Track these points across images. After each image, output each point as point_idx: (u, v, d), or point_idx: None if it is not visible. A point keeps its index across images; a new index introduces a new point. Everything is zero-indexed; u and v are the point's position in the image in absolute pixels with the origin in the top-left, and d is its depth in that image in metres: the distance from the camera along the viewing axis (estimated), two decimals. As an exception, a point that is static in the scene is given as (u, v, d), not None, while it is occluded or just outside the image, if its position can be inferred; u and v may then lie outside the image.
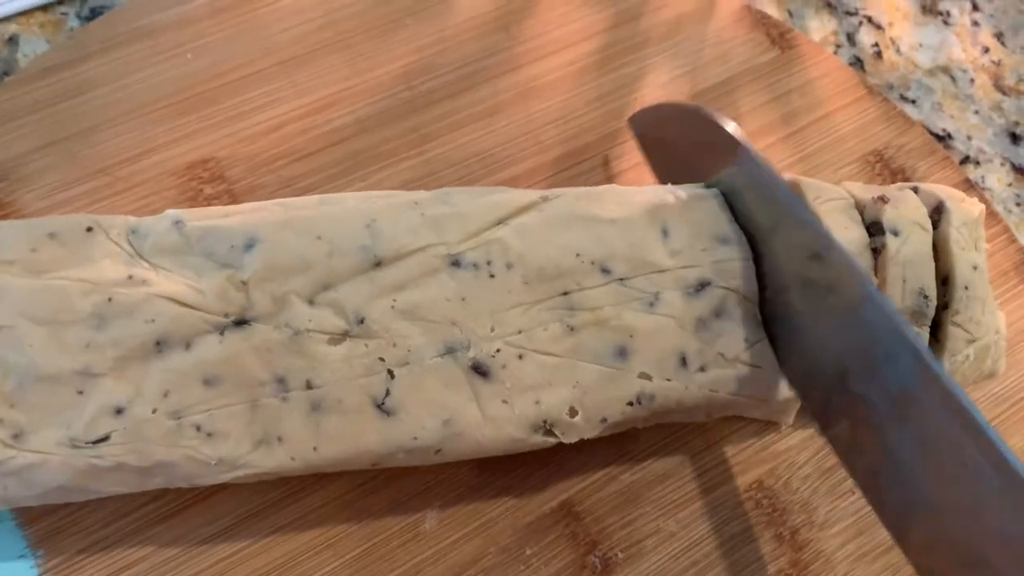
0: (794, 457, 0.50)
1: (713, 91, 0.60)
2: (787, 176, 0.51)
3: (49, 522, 0.43)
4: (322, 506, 0.45)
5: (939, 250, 0.48)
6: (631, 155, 0.56)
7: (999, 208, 0.64)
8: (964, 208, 0.49)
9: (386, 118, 0.55)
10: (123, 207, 0.50)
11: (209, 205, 0.50)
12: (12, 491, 0.40)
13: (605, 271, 0.44)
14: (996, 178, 0.66)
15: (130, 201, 0.50)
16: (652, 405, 0.44)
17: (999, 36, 0.72)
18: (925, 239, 0.47)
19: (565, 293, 0.44)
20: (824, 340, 0.43)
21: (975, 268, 0.48)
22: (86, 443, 0.39)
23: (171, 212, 0.43)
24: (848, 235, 0.47)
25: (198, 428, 0.40)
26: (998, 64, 0.70)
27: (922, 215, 0.48)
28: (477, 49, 0.57)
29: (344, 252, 0.42)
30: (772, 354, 0.46)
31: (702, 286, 0.45)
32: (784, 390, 0.46)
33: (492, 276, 0.43)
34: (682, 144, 0.52)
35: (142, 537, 0.44)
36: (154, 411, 0.40)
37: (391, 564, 0.45)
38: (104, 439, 0.39)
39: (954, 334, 0.48)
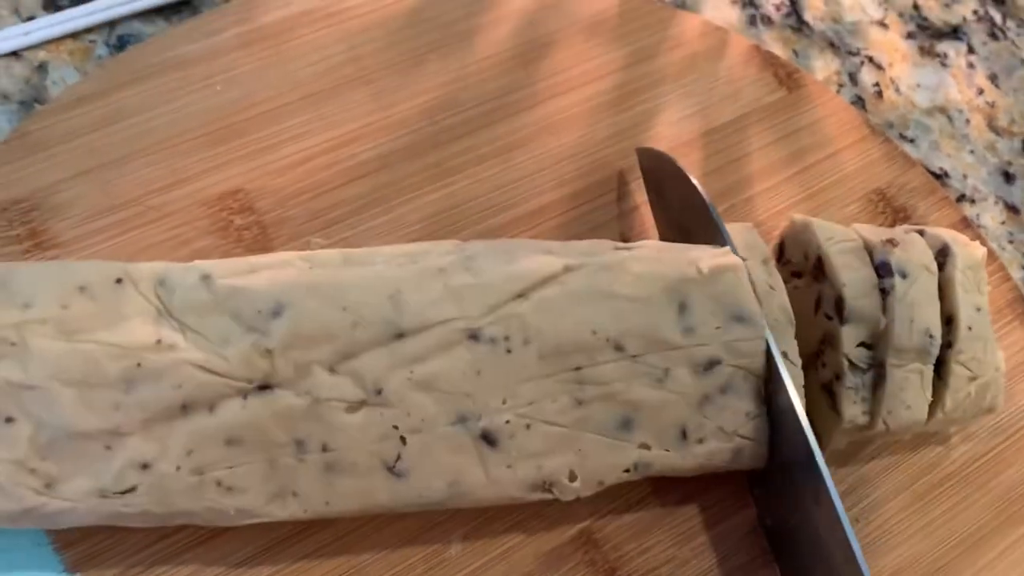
0: (802, 487, 0.52)
1: (724, 129, 0.62)
2: (800, 217, 0.53)
3: (85, 546, 0.44)
4: (348, 534, 0.47)
5: (944, 291, 0.50)
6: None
7: (993, 245, 0.66)
8: (968, 251, 0.51)
9: (409, 153, 0.56)
10: (154, 237, 0.51)
11: (240, 236, 0.52)
12: (43, 525, 0.42)
13: (619, 348, 0.46)
14: (990, 216, 0.68)
15: (162, 231, 0.51)
16: (648, 471, 0.47)
17: (993, 78, 0.74)
18: (931, 281, 0.50)
19: (578, 368, 0.45)
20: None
21: (978, 309, 0.50)
22: (114, 493, 0.41)
23: (198, 264, 0.44)
24: (858, 276, 0.49)
25: (219, 483, 0.42)
26: (992, 105, 0.73)
27: (929, 258, 0.50)
28: (497, 87, 0.59)
29: (368, 324, 0.43)
30: (767, 428, 0.48)
31: (712, 364, 0.47)
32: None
33: (509, 351, 0.45)
34: (672, 195, 0.55)
35: (176, 562, 0.45)
36: (178, 468, 0.41)
37: (417, 590, 0.46)
38: (131, 490, 0.41)
39: (957, 372, 0.50)
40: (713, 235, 0.50)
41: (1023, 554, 0.53)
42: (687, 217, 0.53)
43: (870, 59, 0.72)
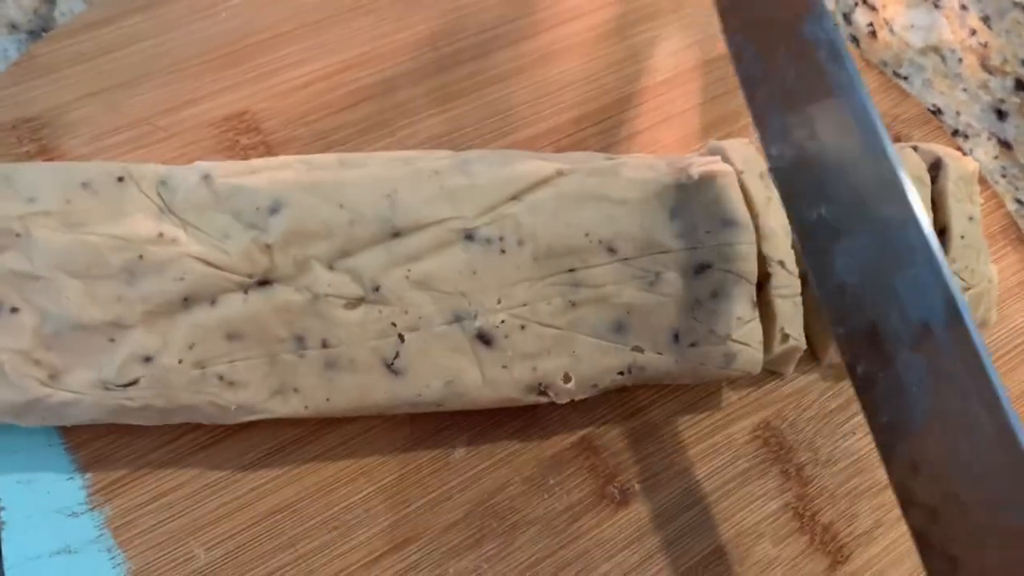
0: (799, 399, 0.53)
1: (720, 60, 0.62)
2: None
3: (95, 447, 0.45)
4: (355, 437, 0.48)
5: (936, 202, 0.51)
6: (646, 116, 0.59)
7: (987, 178, 0.67)
8: (960, 164, 0.52)
9: (411, 78, 0.57)
10: (162, 155, 0.52)
11: (246, 155, 0.53)
12: (48, 420, 0.43)
13: (611, 250, 0.46)
14: (983, 151, 0.69)
15: (170, 149, 0.52)
16: (642, 375, 0.47)
17: (985, 20, 0.75)
18: (924, 193, 0.51)
19: (571, 270, 0.46)
20: (857, 250, 0.41)
21: (971, 219, 0.51)
22: (116, 386, 0.42)
23: (200, 164, 0.45)
24: (852, 188, 0.50)
25: (220, 377, 0.43)
26: (985, 46, 0.74)
27: (922, 170, 0.51)
28: (498, 15, 0.60)
29: (365, 222, 0.44)
30: (760, 332, 0.48)
31: (703, 268, 0.47)
32: (767, 352, 0.49)
33: (503, 252, 0.45)
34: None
35: (183, 464, 0.46)
36: (180, 361, 0.42)
37: (423, 490, 0.47)
38: (133, 383, 0.42)
39: (951, 281, 0.51)
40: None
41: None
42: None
43: (864, 0, 0.73)
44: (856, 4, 0.73)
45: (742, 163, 0.51)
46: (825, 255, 0.40)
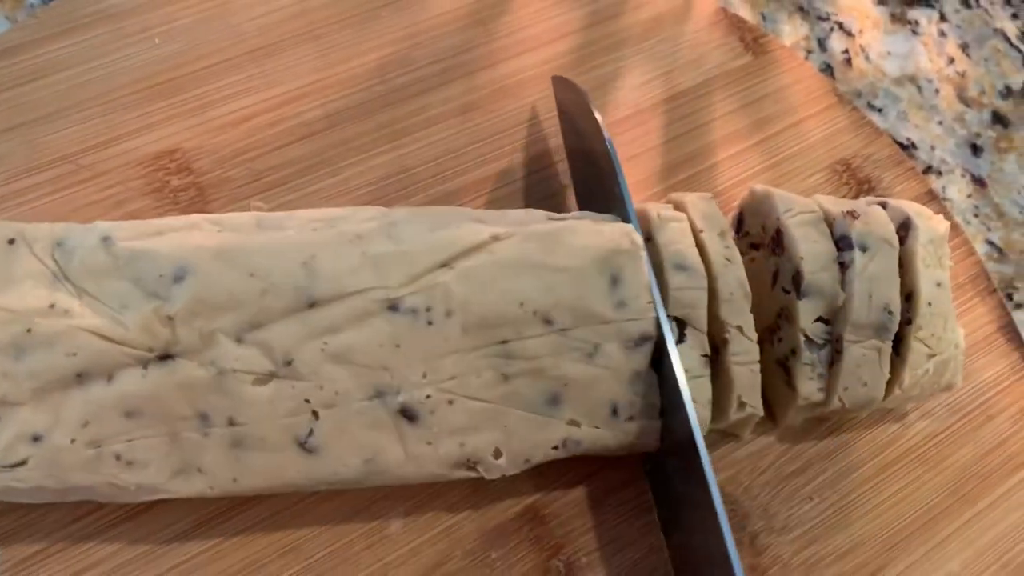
0: (755, 463, 0.51)
1: (687, 95, 0.60)
2: (760, 187, 0.52)
3: (5, 523, 0.42)
4: (284, 510, 0.45)
5: (904, 265, 0.49)
6: (604, 158, 0.56)
7: (958, 219, 0.65)
8: (931, 225, 0.50)
9: (358, 112, 0.54)
10: (86, 197, 0.48)
11: (176, 197, 0.49)
12: None
13: (547, 322, 0.44)
14: (956, 189, 0.67)
15: (94, 191, 0.49)
16: (578, 449, 0.45)
17: (964, 47, 0.73)
18: (892, 256, 0.48)
19: (504, 342, 0.43)
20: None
21: (939, 285, 0.49)
22: (2, 467, 0.39)
23: (100, 225, 0.42)
24: (817, 248, 0.48)
25: (117, 457, 0.40)
26: (962, 75, 0.72)
27: (890, 232, 0.49)
28: (452, 44, 0.57)
29: (278, 292, 0.41)
30: (708, 390, 0.46)
31: (644, 340, 0.45)
32: (723, 418, 0.47)
33: (430, 323, 0.42)
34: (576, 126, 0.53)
35: (100, 539, 0.43)
36: (73, 440, 0.39)
37: (357, 566, 0.45)
38: (21, 463, 0.39)
39: (916, 349, 0.49)
40: (612, 186, 0.48)
41: (976, 532, 0.52)
42: (595, 166, 0.51)
43: (840, 25, 0.70)
44: (832, 29, 0.70)
45: (701, 220, 0.48)
46: None
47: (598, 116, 0.48)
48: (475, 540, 0.46)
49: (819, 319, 0.48)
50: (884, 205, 0.51)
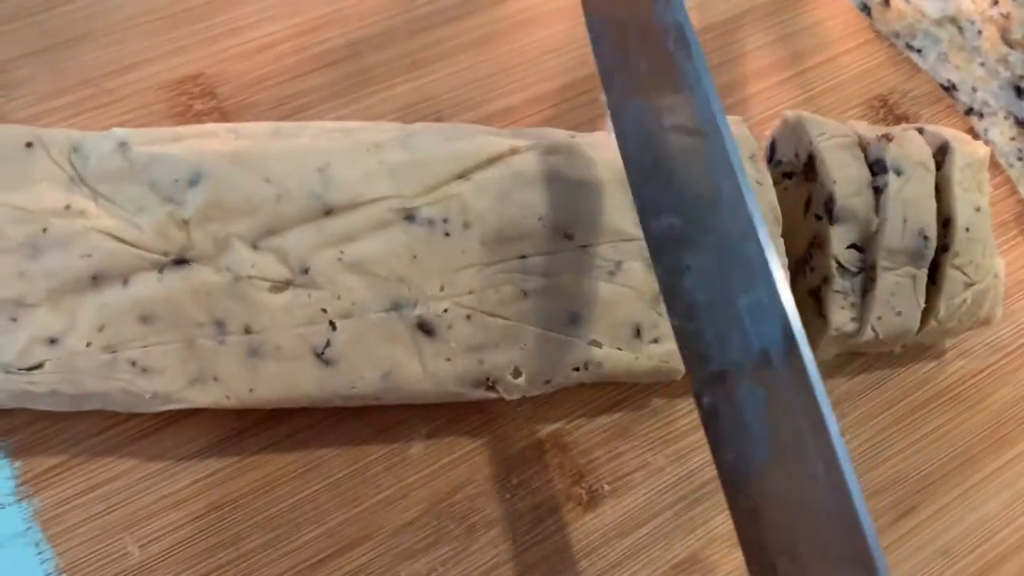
0: (785, 398, 0.50)
1: (720, 27, 0.58)
2: (792, 113, 0.50)
3: (28, 433, 0.42)
4: (305, 428, 0.45)
5: (941, 191, 0.47)
6: (632, 89, 0.55)
7: (1001, 161, 0.63)
8: (969, 150, 0.48)
9: (381, 41, 0.53)
10: (109, 120, 0.48)
11: (200, 121, 0.49)
12: None
13: (567, 236, 0.43)
14: (999, 131, 0.65)
15: (117, 114, 0.49)
16: (600, 371, 0.44)
17: (1009, -12, 0.70)
18: (928, 179, 0.47)
19: (523, 256, 0.42)
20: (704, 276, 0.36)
21: (977, 210, 0.47)
22: (19, 369, 0.39)
23: (117, 131, 0.41)
24: (850, 172, 0.47)
25: (133, 363, 0.39)
26: (1007, 17, 0.69)
27: (926, 155, 0.47)
28: (478, -26, 0.56)
29: (293, 197, 0.40)
30: None
31: None
32: None
33: (447, 235, 0.41)
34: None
35: (120, 453, 0.43)
36: (88, 344, 0.39)
37: (376, 487, 0.44)
38: (38, 367, 0.39)
39: (952, 276, 0.47)
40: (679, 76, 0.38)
41: (1011, 477, 0.50)
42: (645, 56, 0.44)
43: (879, -36, 0.68)
44: (869, -31, 0.68)
45: (732, 143, 0.47)
46: (674, 271, 0.35)
47: None
48: (496, 465, 0.46)
49: (852, 246, 0.47)
50: (921, 131, 0.50)
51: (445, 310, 0.41)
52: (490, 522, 0.44)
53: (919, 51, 0.66)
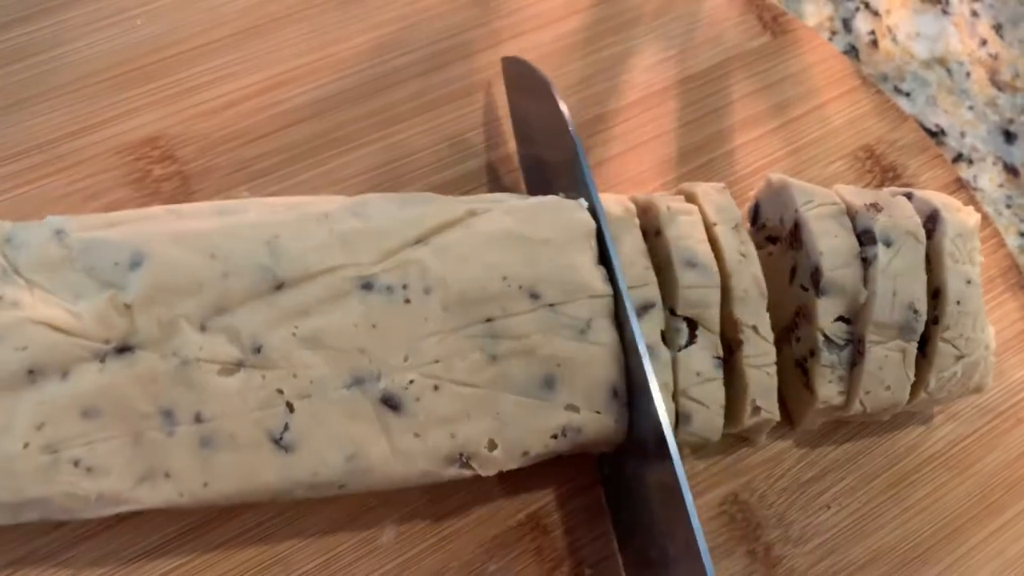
0: (771, 469, 0.48)
1: (703, 76, 0.56)
2: (776, 176, 0.48)
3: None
4: (268, 520, 0.43)
5: (931, 261, 0.46)
6: (614, 143, 0.53)
7: (989, 209, 0.62)
8: (959, 218, 0.46)
9: (348, 98, 0.51)
10: (62, 188, 0.46)
11: (159, 188, 0.47)
12: None
13: (534, 296, 0.41)
14: (988, 178, 0.63)
15: (71, 181, 0.46)
16: (578, 438, 0.42)
17: (998, 28, 0.69)
18: (918, 251, 0.45)
19: (488, 320, 0.40)
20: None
21: (968, 282, 0.45)
22: None
23: (52, 219, 0.39)
24: (837, 243, 0.45)
25: (76, 463, 0.37)
26: (995, 58, 0.68)
27: (915, 225, 0.45)
28: (450, 25, 0.54)
29: (241, 272, 0.38)
30: (722, 395, 0.43)
31: (645, 308, 0.42)
32: (736, 424, 0.45)
33: (407, 301, 0.40)
34: (534, 111, 0.48)
35: (67, 555, 0.41)
36: (26, 445, 0.36)
37: (346, 579, 0.42)
38: None
39: (943, 350, 0.46)
40: (573, 171, 0.44)
41: (999, 547, 0.49)
42: (551, 150, 0.47)
43: (866, 4, 0.67)
44: (857, 9, 0.66)
45: (714, 212, 0.45)
46: None
47: (563, 107, 0.44)
48: (473, 551, 0.44)
49: (840, 318, 0.45)
50: (910, 196, 0.48)
51: (411, 382, 0.39)
52: (466, 613, 0.43)
53: (907, 94, 0.64)
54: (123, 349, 0.37)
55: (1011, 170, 0.64)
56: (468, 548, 0.44)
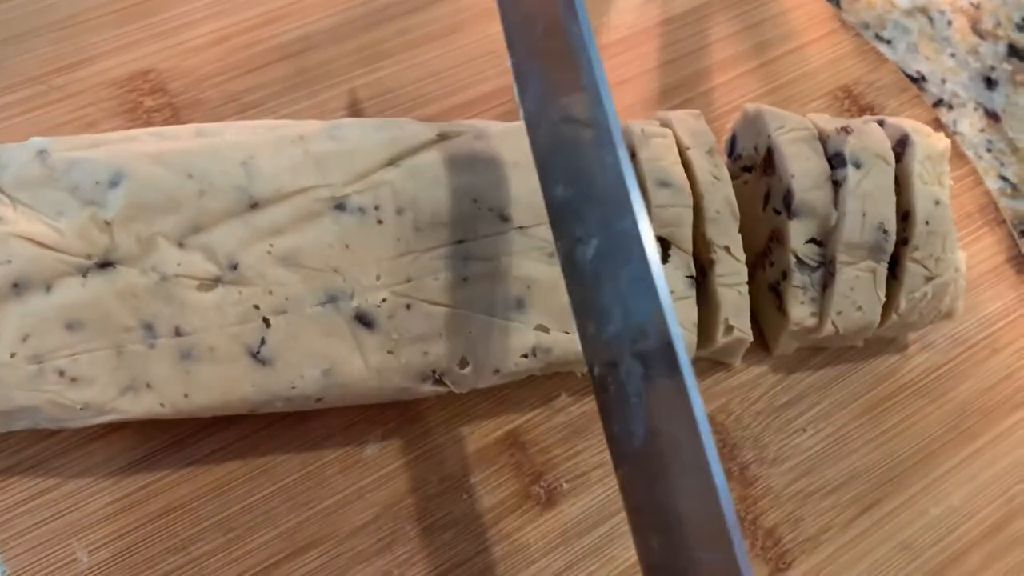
0: (747, 393, 0.50)
1: (685, 17, 0.58)
2: (751, 106, 0.50)
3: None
4: (255, 432, 0.44)
5: (901, 183, 0.47)
6: (593, 81, 0.54)
7: (970, 153, 0.62)
8: (929, 142, 0.47)
9: (336, 34, 0.52)
10: (57, 118, 0.47)
11: (150, 119, 0.48)
12: None
13: (504, 218, 0.42)
14: (968, 123, 0.64)
15: (66, 112, 0.48)
16: (548, 357, 0.43)
17: (979, -24, 0.70)
18: (887, 172, 0.46)
19: (460, 241, 0.42)
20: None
21: (937, 203, 0.46)
22: None
23: (36, 140, 0.40)
24: (808, 166, 0.46)
25: (61, 373, 0.38)
26: (977, 7, 0.69)
27: (885, 148, 0.47)
28: (437, -35, 0.55)
29: (217, 192, 0.39)
30: (695, 313, 0.44)
31: None
32: (710, 343, 0.45)
33: (380, 222, 0.41)
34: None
35: (65, 459, 0.42)
36: (12, 355, 0.38)
37: (330, 490, 0.44)
38: None
39: (912, 270, 0.47)
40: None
41: (974, 470, 0.50)
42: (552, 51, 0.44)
43: (848, -47, 0.68)
44: (838, -43, 0.67)
45: (688, 136, 0.46)
46: (568, 238, 0.36)
47: None
48: (453, 465, 0.45)
49: (811, 240, 0.46)
50: (882, 123, 0.49)
51: (384, 300, 0.40)
52: (446, 524, 0.44)
53: (889, 42, 0.65)
54: (104, 264, 0.39)
55: (992, 115, 0.65)
56: (449, 462, 0.45)
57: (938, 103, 0.64)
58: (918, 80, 0.65)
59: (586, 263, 0.34)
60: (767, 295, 0.49)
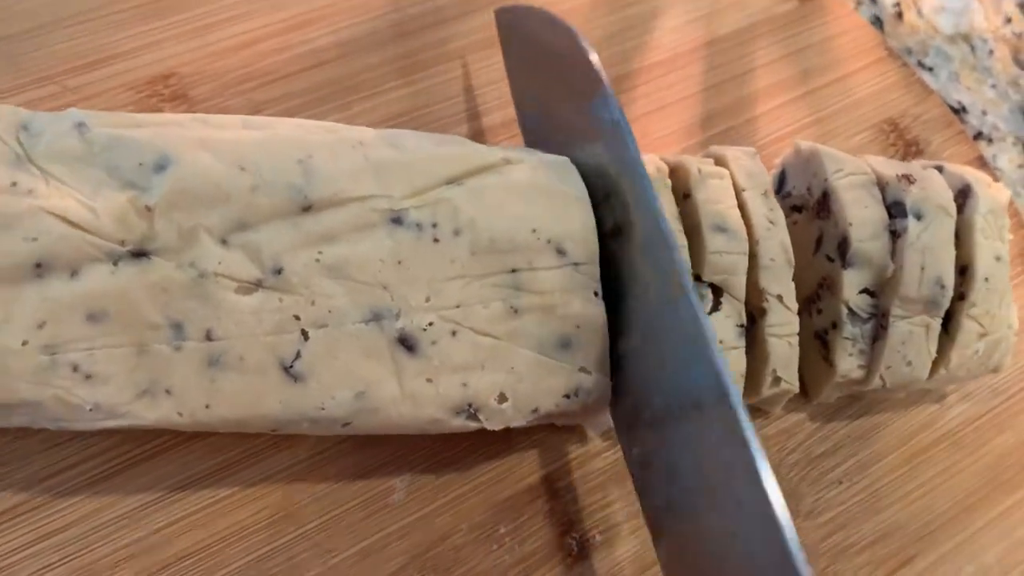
0: (784, 442, 0.48)
1: (728, 40, 0.55)
2: (805, 144, 0.47)
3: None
4: (277, 473, 0.42)
5: (961, 237, 0.45)
6: (638, 103, 0.52)
7: (1008, 191, 0.61)
8: (991, 194, 0.46)
9: (371, 42, 0.49)
10: (70, 122, 0.44)
11: (169, 127, 0.45)
12: None
13: (560, 252, 0.40)
14: (1008, 158, 0.63)
15: (78, 116, 0.44)
16: (587, 400, 0.41)
17: (1022, 6, 0.68)
18: (948, 225, 0.44)
19: (514, 270, 0.39)
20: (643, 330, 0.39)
21: (998, 259, 0.45)
22: None
23: (74, 111, 0.37)
24: (867, 214, 0.44)
25: (75, 368, 0.35)
26: (1020, 36, 0.67)
27: (948, 199, 0.45)
28: (477, -27, 0.52)
29: (270, 188, 0.36)
30: (743, 363, 0.42)
31: None
32: (755, 394, 0.44)
33: (436, 240, 0.38)
34: (544, 63, 0.46)
35: (73, 498, 0.39)
36: (25, 343, 0.34)
37: (355, 536, 0.41)
38: None
39: (967, 327, 0.45)
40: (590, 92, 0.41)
41: (1010, 525, 0.49)
42: (555, 87, 0.44)
43: (892, -25, 0.66)
44: (883, -21, 0.65)
45: (745, 178, 0.44)
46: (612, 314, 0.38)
47: (594, 57, 0.41)
48: (483, 513, 0.43)
49: (865, 291, 0.45)
50: (940, 169, 0.47)
51: (430, 324, 0.38)
52: (476, 575, 0.42)
53: (930, 69, 0.63)
54: (139, 254, 0.35)
55: (1031, 151, 0.63)
56: (479, 509, 0.43)
57: (978, 136, 0.63)
58: (959, 111, 0.63)
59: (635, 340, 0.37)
60: (812, 342, 0.47)
